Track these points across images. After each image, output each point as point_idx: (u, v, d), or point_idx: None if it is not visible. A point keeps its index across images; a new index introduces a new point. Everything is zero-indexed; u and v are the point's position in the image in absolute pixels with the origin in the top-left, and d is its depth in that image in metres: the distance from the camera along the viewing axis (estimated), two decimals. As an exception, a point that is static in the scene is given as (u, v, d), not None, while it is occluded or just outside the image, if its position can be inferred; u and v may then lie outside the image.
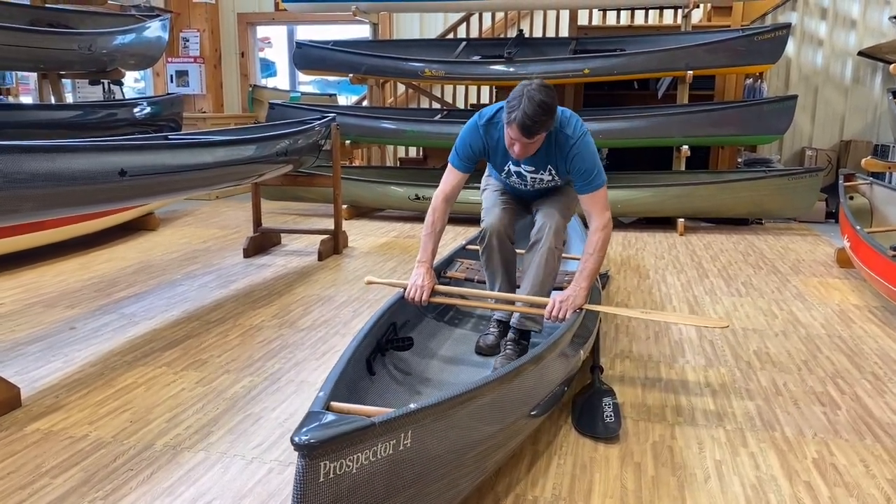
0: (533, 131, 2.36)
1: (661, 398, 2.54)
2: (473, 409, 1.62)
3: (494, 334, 2.83)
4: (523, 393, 1.92)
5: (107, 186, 2.69)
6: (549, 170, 2.67)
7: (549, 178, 2.70)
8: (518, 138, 2.39)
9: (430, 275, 2.65)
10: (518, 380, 1.86)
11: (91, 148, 2.63)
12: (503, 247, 2.79)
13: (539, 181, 2.72)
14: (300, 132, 4.43)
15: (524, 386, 1.91)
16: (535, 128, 2.35)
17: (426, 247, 2.71)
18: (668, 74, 6.04)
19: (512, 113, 2.36)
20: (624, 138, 5.84)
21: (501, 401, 1.79)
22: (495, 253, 2.78)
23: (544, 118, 2.35)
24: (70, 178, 2.53)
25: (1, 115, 4.97)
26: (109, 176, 2.69)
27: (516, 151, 2.45)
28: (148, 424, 2.30)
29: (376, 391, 2.27)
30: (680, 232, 5.71)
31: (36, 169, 2.41)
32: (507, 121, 2.40)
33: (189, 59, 8.78)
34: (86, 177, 2.59)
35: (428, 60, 6.22)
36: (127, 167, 2.76)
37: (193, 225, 6.03)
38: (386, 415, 1.31)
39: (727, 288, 4.07)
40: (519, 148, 2.43)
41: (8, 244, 4.32)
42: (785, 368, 2.84)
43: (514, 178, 2.75)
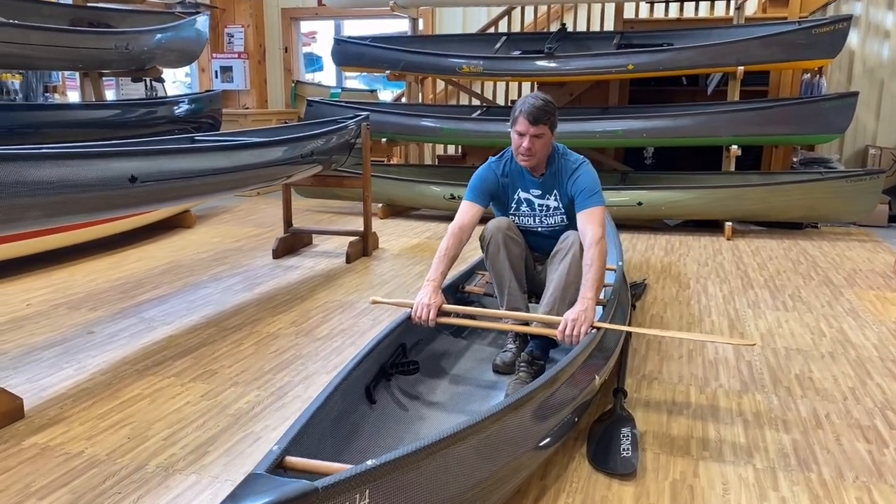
0: (538, 118, 2.56)
1: (688, 428, 2.35)
2: (459, 452, 1.49)
3: (512, 350, 2.68)
4: (524, 427, 1.78)
5: (116, 193, 2.64)
6: (554, 194, 2.78)
7: (556, 204, 2.78)
8: (525, 129, 2.58)
9: (438, 294, 2.55)
10: (516, 415, 1.72)
11: (100, 154, 2.58)
12: (508, 244, 2.68)
13: (546, 210, 2.80)
14: (329, 132, 4.34)
15: (523, 421, 1.76)
16: (539, 114, 2.56)
17: (436, 268, 2.64)
18: (717, 70, 5.74)
19: (516, 110, 2.62)
20: (668, 137, 5.57)
21: (497, 439, 1.65)
22: (500, 250, 2.67)
23: (546, 108, 2.59)
24: (78, 185, 2.48)
25: (40, 116, 5.05)
26: (119, 182, 2.64)
27: (524, 146, 2.60)
28: (145, 441, 2.23)
29: (375, 421, 2.16)
30: (727, 236, 5.43)
31: (41, 177, 2.37)
32: (513, 119, 2.63)
33: (233, 54, 8.82)
34: (94, 184, 2.54)
35: (466, 56, 6.07)
36: (137, 173, 2.71)
37: (230, 223, 6.03)
38: (333, 477, 1.18)
39: (772, 301, 3.81)
40: (527, 142, 2.59)
41: (43, 242, 4.36)
42: (829, 396, 2.61)
43: (524, 209, 2.81)
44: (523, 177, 2.81)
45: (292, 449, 1.44)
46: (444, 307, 2.54)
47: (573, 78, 5.90)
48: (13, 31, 4.31)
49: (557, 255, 2.62)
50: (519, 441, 1.75)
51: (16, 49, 4.33)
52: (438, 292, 2.55)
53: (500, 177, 2.81)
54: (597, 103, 6.70)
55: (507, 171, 2.81)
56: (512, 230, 2.73)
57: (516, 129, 2.62)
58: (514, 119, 2.63)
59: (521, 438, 1.76)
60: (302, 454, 1.46)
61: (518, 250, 2.72)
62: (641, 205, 5.50)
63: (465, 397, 2.49)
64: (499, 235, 2.68)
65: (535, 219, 2.81)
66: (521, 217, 2.83)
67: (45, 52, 4.54)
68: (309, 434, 1.58)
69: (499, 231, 2.69)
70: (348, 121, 4.75)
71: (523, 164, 2.69)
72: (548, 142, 2.66)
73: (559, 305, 2.53)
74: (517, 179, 2.81)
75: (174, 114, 6.02)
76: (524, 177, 2.81)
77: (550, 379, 1.92)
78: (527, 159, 2.65)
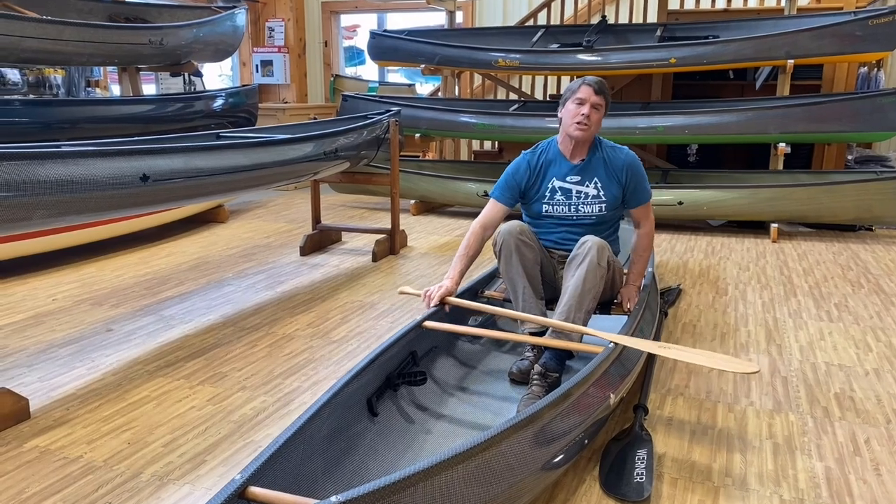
0: (601, 88, 2.62)
1: (711, 451, 2.19)
2: (444, 481, 1.38)
3: (530, 358, 2.56)
4: (526, 450, 1.65)
5: (127, 192, 2.60)
6: (595, 182, 2.73)
7: (595, 192, 2.72)
8: (587, 95, 2.60)
9: (455, 281, 2.63)
10: (514, 439, 1.60)
11: (110, 153, 2.54)
12: (521, 248, 2.59)
13: (583, 197, 2.72)
14: (355, 129, 4.27)
15: (524, 444, 1.64)
16: (602, 86, 2.62)
17: (455, 266, 2.69)
18: (765, 64, 5.47)
19: (577, 82, 2.65)
20: (711, 134, 5.33)
21: (493, 464, 1.54)
22: (512, 255, 2.57)
23: (605, 85, 2.65)
24: (87, 184, 2.45)
25: (76, 111, 5.10)
26: (130, 181, 2.61)
27: (584, 112, 2.60)
28: (145, 447, 2.19)
29: (376, 435, 2.07)
30: (773, 238, 5.18)
31: (49, 176, 2.34)
32: (571, 91, 2.65)
33: (273, 48, 8.84)
34: (104, 183, 2.51)
35: (502, 49, 5.92)
36: (149, 172, 2.67)
37: (263, 218, 6.03)
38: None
39: (816, 310, 3.59)
40: (587, 108, 2.60)
41: (76, 237, 4.40)
42: (870, 419, 2.41)
43: (558, 197, 2.74)
44: (560, 164, 2.76)
45: (260, 477, 1.35)
46: (451, 300, 2.57)
47: (612, 72, 5.70)
48: (46, 26, 4.35)
49: (574, 262, 2.50)
50: (519, 465, 1.63)
51: (49, 45, 4.37)
52: (456, 279, 2.64)
53: (532, 167, 2.78)
54: (639, 98, 6.48)
55: (541, 159, 2.79)
56: (525, 234, 2.62)
57: (577, 97, 2.62)
58: (573, 90, 2.64)
59: (522, 462, 1.64)
60: (275, 480, 1.38)
61: (532, 255, 2.61)
62: (682, 204, 5.29)
63: (476, 410, 2.38)
64: (511, 240, 2.58)
65: (570, 207, 2.75)
66: (554, 206, 2.77)
67: (78, 47, 4.58)
68: (284, 459, 1.49)
69: (511, 236, 2.59)
70: (377, 116, 4.67)
71: (577, 133, 2.65)
72: (601, 119, 2.68)
73: (575, 313, 2.41)
74: (552, 167, 2.77)
75: (209, 109, 6.04)
76: (561, 163, 2.75)
77: (558, 399, 1.79)
78: (583, 128, 2.63)
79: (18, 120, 4.81)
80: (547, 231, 2.82)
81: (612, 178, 2.75)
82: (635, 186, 2.78)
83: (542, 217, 2.80)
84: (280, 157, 3.38)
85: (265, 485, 1.36)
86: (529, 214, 2.87)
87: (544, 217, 2.80)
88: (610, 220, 2.83)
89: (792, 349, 3.05)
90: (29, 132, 4.65)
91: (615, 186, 2.76)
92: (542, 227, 2.83)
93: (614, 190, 2.76)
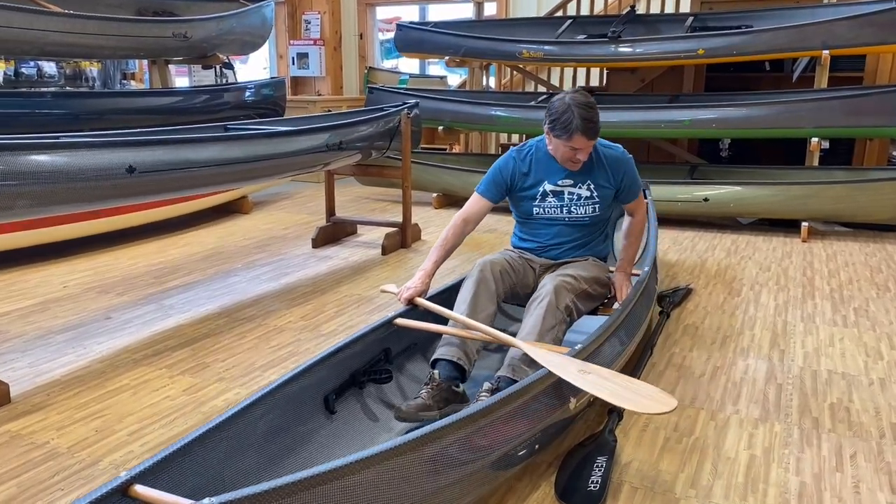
0: (597, 129, 2.47)
1: (681, 460, 2.10)
2: (344, 486, 1.33)
3: (423, 397, 2.14)
4: (448, 458, 1.57)
5: (112, 184, 2.63)
6: (587, 184, 2.65)
7: (588, 193, 2.65)
8: (583, 146, 2.48)
9: (424, 282, 2.53)
10: (431, 446, 1.53)
11: (94, 144, 2.58)
12: (489, 286, 2.45)
13: (576, 199, 2.65)
14: (363, 121, 4.25)
15: (446, 451, 1.56)
16: (596, 125, 2.46)
17: (431, 256, 2.62)
18: (800, 54, 5.22)
19: (567, 126, 2.43)
20: (741, 128, 5.11)
21: (406, 471, 1.48)
22: (480, 286, 2.44)
23: (597, 115, 2.46)
24: (70, 175, 2.49)
25: (104, 103, 5.24)
26: (115, 173, 2.64)
27: (578, 158, 2.52)
28: (111, 436, 2.22)
29: (331, 433, 2.05)
30: (803, 238, 4.95)
31: (32, 166, 2.39)
32: (564, 135, 2.45)
33: (309, 41, 8.91)
34: (88, 174, 2.54)
35: (526, 41, 5.82)
36: (136, 163, 2.70)
37: (287, 209, 6.08)
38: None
39: (831, 314, 3.41)
40: (582, 154, 2.51)
41: (97, 225, 4.51)
42: (862, 433, 2.27)
43: (550, 200, 2.66)
44: (550, 167, 2.66)
45: (156, 475, 1.33)
46: (419, 301, 2.48)
47: (636, 64, 5.55)
48: (70, 20, 4.46)
49: (533, 303, 2.40)
50: (437, 474, 1.56)
51: (72, 38, 4.48)
52: (425, 280, 2.53)
53: (520, 167, 2.68)
54: (669, 90, 6.28)
55: (531, 162, 2.68)
56: (506, 276, 2.53)
57: (570, 145, 2.48)
58: (568, 132, 2.43)
59: (441, 471, 1.57)
60: (181, 479, 1.36)
61: (496, 298, 2.47)
62: (707, 200, 5.11)
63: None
64: (487, 272, 2.48)
65: (563, 209, 2.67)
66: (546, 209, 2.68)
67: (101, 41, 4.68)
68: (195, 457, 1.47)
69: (488, 265, 2.51)
70: (391, 109, 4.64)
71: (570, 168, 2.60)
72: None
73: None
74: (543, 171, 2.67)
75: (236, 101, 6.12)
76: (552, 167, 2.66)
77: (493, 405, 1.72)
78: (576, 167, 2.59)
79: (48, 112, 4.97)
80: (537, 231, 2.75)
81: (606, 179, 2.67)
82: (629, 184, 2.73)
83: (533, 218, 2.73)
84: (277, 150, 3.38)
85: (167, 482, 1.35)
86: (519, 213, 2.79)
87: (535, 218, 2.72)
88: (603, 219, 2.75)
89: (795, 355, 2.90)
90: (56, 123, 4.78)
91: (608, 187, 2.68)
92: (532, 227, 2.76)
93: (607, 191, 2.68)
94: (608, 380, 1.87)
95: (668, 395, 1.79)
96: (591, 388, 1.82)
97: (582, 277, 2.56)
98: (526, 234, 2.79)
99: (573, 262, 2.69)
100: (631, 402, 1.75)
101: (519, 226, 2.83)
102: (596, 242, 2.77)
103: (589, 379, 1.87)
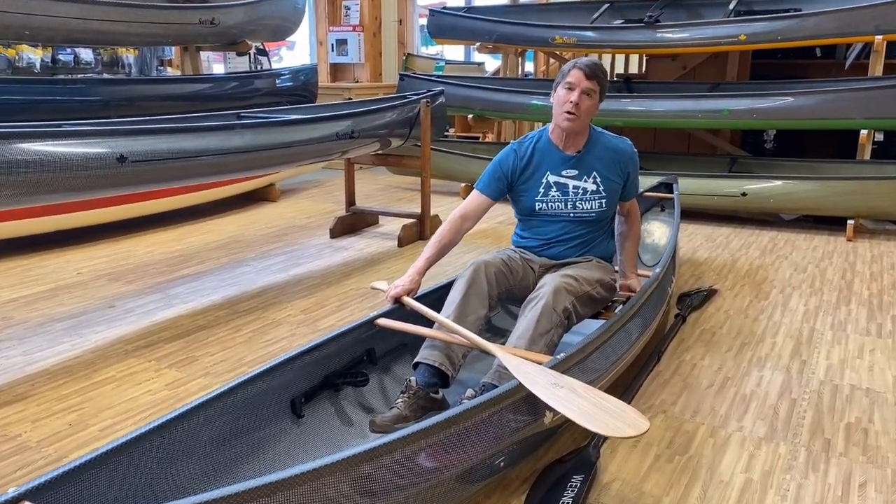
0: (594, 71, 2.37)
1: (668, 482, 1.94)
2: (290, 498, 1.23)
3: (399, 407, 2.04)
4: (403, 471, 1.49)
5: (102, 173, 2.60)
6: (594, 176, 2.51)
7: (594, 187, 2.50)
8: (577, 81, 2.36)
9: (414, 280, 2.40)
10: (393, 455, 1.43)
11: (82, 133, 2.55)
12: (480, 288, 2.31)
13: (581, 193, 2.50)
14: (378, 110, 4.15)
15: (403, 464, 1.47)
16: (595, 69, 2.38)
17: (425, 253, 2.49)
18: (850, 40, 4.88)
19: (568, 65, 2.42)
20: (784, 119, 4.81)
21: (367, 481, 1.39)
22: (471, 287, 2.30)
23: (602, 69, 2.42)
24: (58, 164, 2.46)
25: (136, 90, 5.27)
26: (106, 162, 2.60)
27: (572, 100, 2.35)
28: (83, 430, 2.19)
29: (295, 439, 1.96)
30: (848, 236, 4.64)
31: (19, 155, 2.37)
32: (564, 73, 2.41)
33: (349, 27, 8.84)
34: (76, 163, 2.51)
35: (559, 26, 5.61)
36: (127, 153, 2.66)
37: (314, 197, 6.05)
38: None
39: (865, 322, 3.16)
40: (576, 95, 2.35)
41: (122, 211, 4.55)
42: (878, 458, 2.06)
43: (554, 194, 2.51)
44: (553, 155, 2.52)
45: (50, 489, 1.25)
46: (406, 300, 2.34)
47: (673, 50, 5.28)
48: (92, 7, 4.48)
49: (528, 304, 2.26)
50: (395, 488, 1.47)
51: (96, 25, 4.51)
52: (415, 278, 2.41)
53: (521, 158, 2.53)
54: (712, 78, 5.97)
55: (532, 152, 2.54)
56: (500, 278, 2.38)
57: (566, 82, 2.38)
58: (563, 74, 2.41)
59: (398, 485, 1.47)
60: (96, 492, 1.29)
61: (487, 300, 2.32)
62: (745, 195, 4.84)
63: (426, 414, 2.22)
64: (481, 274, 2.34)
65: (567, 204, 2.51)
66: (549, 203, 2.52)
67: (126, 27, 4.70)
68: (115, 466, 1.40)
69: (482, 267, 2.36)
70: (411, 97, 4.53)
71: (565, 124, 2.41)
72: (594, 107, 2.43)
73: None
74: (545, 160, 2.52)
75: (267, 88, 6.10)
76: (554, 155, 2.51)
77: (455, 416, 1.60)
78: (571, 118, 2.38)
79: (77, 99, 5.02)
80: (540, 228, 2.59)
81: (614, 172, 2.52)
82: (634, 180, 2.61)
83: (536, 214, 2.57)
84: (282, 139, 3.31)
85: (76, 496, 1.28)
86: (520, 211, 2.64)
87: (538, 214, 2.57)
88: (608, 216, 2.59)
89: (817, 367, 2.69)
90: (88, 110, 4.83)
91: (616, 180, 2.53)
92: (534, 224, 2.61)
93: (615, 184, 2.53)
94: (580, 396, 1.72)
95: (641, 416, 1.63)
96: (558, 405, 1.68)
97: (584, 279, 2.41)
98: (527, 232, 2.65)
99: (575, 263, 2.53)
100: (598, 422, 1.61)
101: (521, 224, 2.69)
102: (600, 242, 2.61)
103: (559, 394, 1.72)
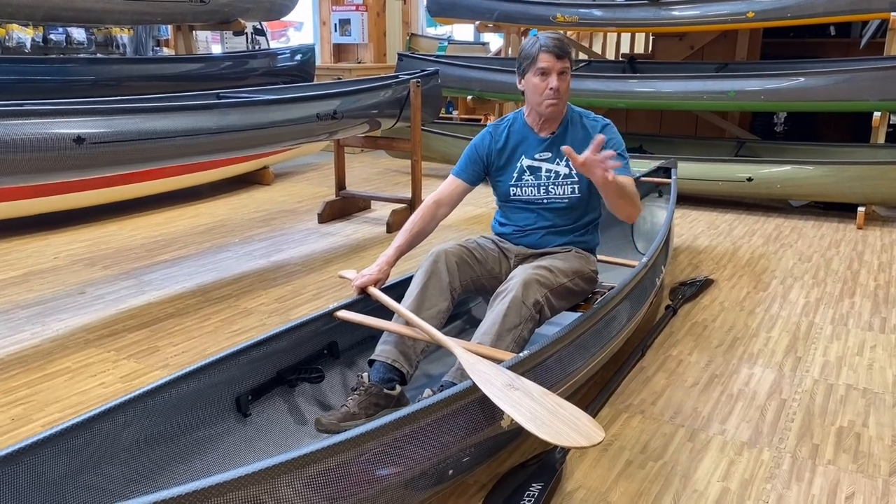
0: (562, 48, 2.24)
1: (636, 491, 1.80)
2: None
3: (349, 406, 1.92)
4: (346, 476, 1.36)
5: (56, 155, 2.48)
6: (566, 159, 2.33)
7: (566, 171, 2.34)
8: (550, 64, 2.21)
9: (382, 270, 2.28)
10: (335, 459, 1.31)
11: (37, 112, 2.43)
12: (440, 279, 2.17)
13: (554, 177, 2.35)
14: (363, 91, 4.00)
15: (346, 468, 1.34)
16: (563, 46, 2.25)
17: (395, 242, 2.37)
18: (864, 17, 4.64)
19: (532, 47, 2.25)
20: (793, 101, 4.60)
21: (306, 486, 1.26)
22: (430, 278, 2.16)
23: (565, 42, 2.29)
24: (7, 145, 2.35)
25: (127, 69, 5.16)
26: (61, 143, 2.48)
27: (553, 85, 2.21)
28: (26, 425, 2.09)
29: (242, 437, 1.84)
30: (858, 224, 4.44)
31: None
32: (530, 62, 2.24)
33: (352, 6, 8.66)
34: (30, 145, 2.40)
35: (561, 4, 5.41)
36: (85, 133, 2.54)
37: (309, 181, 5.92)
38: None
39: (869, 316, 2.98)
40: (555, 80, 2.21)
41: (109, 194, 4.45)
42: (869, 467, 1.90)
43: (527, 178, 2.37)
44: (528, 138, 2.37)
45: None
46: (372, 290, 2.22)
47: (678, 29, 5.06)
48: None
49: (497, 297, 2.10)
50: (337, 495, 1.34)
51: (77, 3, 4.38)
52: (384, 268, 2.29)
53: (496, 141, 2.40)
54: (721, 58, 5.75)
55: (507, 135, 2.41)
56: (462, 267, 2.24)
57: (538, 68, 2.22)
58: (531, 58, 2.23)
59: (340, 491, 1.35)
60: None
61: (449, 293, 2.19)
62: (751, 180, 4.65)
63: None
64: (440, 263, 2.20)
65: (540, 189, 2.36)
66: (522, 188, 2.38)
67: (109, 5, 4.57)
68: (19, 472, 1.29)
69: (443, 255, 2.22)
70: (401, 77, 4.37)
71: (549, 110, 2.27)
72: (569, 85, 2.29)
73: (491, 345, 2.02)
74: (520, 144, 2.38)
75: (262, 67, 5.97)
76: (529, 138, 2.37)
77: (402, 418, 1.46)
78: (554, 104, 2.25)
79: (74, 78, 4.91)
80: (515, 215, 2.45)
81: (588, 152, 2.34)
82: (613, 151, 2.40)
83: (511, 200, 2.43)
84: (255, 120, 3.17)
85: None
86: (498, 197, 2.50)
87: (512, 200, 2.43)
88: (584, 205, 2.39)
89: (812, 364, 2.52)
90: (76, 90, 4.72)
91: None
92: (510, 210, 2.46)
93: None
94: (534, 400, 1.58)
95: (596, 426, 1.49)
96: (509, 408, 1.54)
97: (560, 270, 2.25)
98: (504, 219, 2.50)
99: (552, 253, 2.38)
100: (549, 429, 1.47)
101: (499, 210, 2.54)
102: (580, 231, 2.45)
103: (512, 396, 1.58)
